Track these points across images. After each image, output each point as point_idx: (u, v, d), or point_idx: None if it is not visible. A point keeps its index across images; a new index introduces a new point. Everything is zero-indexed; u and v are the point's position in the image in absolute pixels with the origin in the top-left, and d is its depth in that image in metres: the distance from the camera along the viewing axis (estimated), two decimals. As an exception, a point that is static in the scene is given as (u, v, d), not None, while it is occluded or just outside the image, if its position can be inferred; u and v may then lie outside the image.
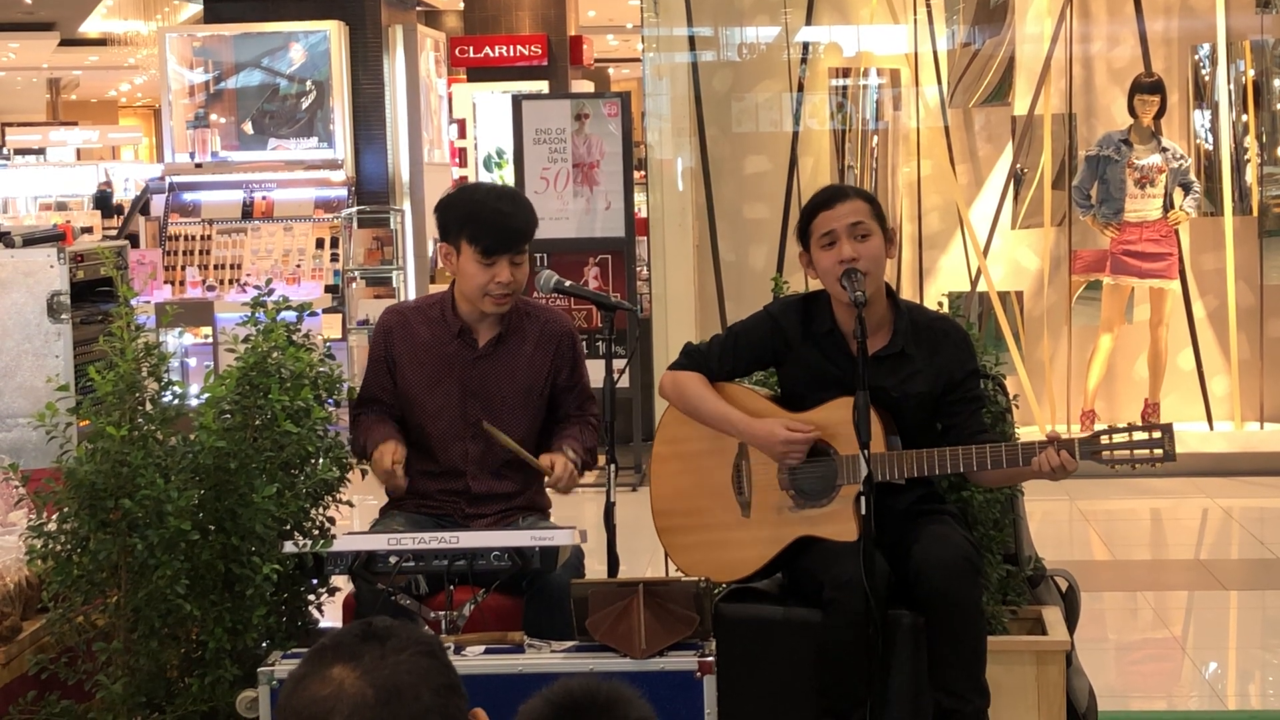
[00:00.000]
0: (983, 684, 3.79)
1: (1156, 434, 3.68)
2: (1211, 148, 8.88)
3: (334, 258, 10.20)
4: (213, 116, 10.60)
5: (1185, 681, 5.42)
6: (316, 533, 3.81)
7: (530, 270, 4.30)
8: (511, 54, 16.33)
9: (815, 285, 4.07)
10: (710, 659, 3.43)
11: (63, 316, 5.23)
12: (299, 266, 10.16)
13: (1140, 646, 5.86)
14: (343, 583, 3.95)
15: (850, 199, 3.95)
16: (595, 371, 4.32)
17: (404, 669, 1.73)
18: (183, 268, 10.17)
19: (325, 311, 9.77)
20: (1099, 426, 4.10)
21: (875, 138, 9.00)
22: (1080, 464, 3.77)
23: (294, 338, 3.89)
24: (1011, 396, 4.45)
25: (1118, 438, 3.72)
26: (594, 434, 4.28)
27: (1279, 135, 8.89)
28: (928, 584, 3.74)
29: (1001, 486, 4.14)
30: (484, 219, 4.13)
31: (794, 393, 4.03)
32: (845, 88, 9.02)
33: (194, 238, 10.34)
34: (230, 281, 10.10)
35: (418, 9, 11.63)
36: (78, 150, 27.09)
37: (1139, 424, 3.75)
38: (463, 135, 16.12)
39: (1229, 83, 8.80)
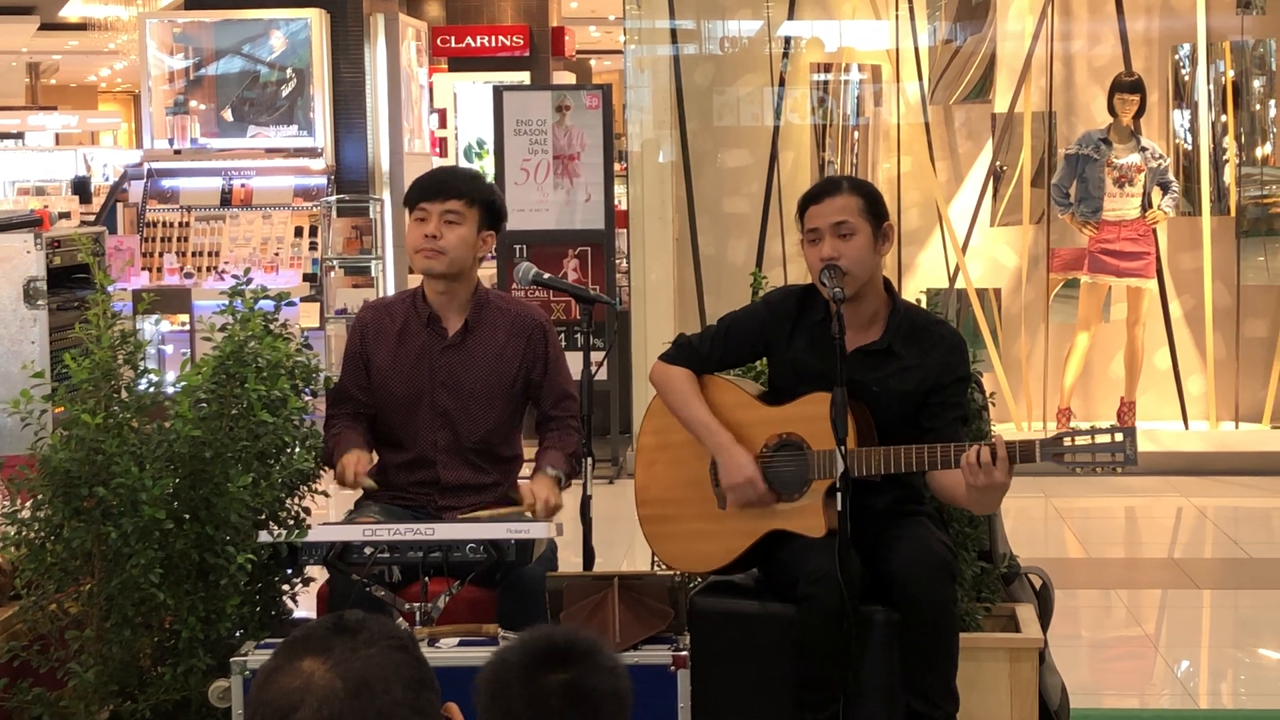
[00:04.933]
0: (953, 690, 3.80)
1: (1119, 437, 3.65)
2: (1190, 147, 8.91)
3: (313, 246, 10.17)
4: (192, 103, 10.56)
5: (1158, 680, 5.44)
6: (291, 523, 3.81)
7: (509, 262, 4.30)
8: (493, 44, 16.33)
9: (795, 280, 4.07)
10: (685, 653, 3.44)
11: (39, 302, 5.22)
12: (277, 255, 10.13)
13: (1113, 644, 5.88)
14: (317, 573, 3.94)
15: (841, 194, 3.94)
16: (573, 364, 4.32)
17: (375, 662, 1.73)
18: (160, 254, 10.14)
19: (303, 300, 9.73)
20: (1073, 425, 4.07)
21: (856, 133, 9.00)
22: (1042, 464, 3.75)
23: (271, 327, 3.88)
24: (988, 394, 4.46)
25: (1080, 440, 3.69)
26: (575, 439, 4.27)
27: (1257, 136, 8.92)
28: (904, 589, 3.74)
29: (952, 503, 3.96)
30: (417, 182, 4.28)
31: (781, 384, 4.03)
32: (826, 83, 9.03)
33: (172, 224, 10.31)
34: (208, 269, 10.07)
35: (399, -2, 11.61)
36: (56, 135, 26.96)
37: (1102, 426, 3.70)
38: (443, 125, 16.11)
39: (1209, 83, 8.83)
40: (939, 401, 3.92)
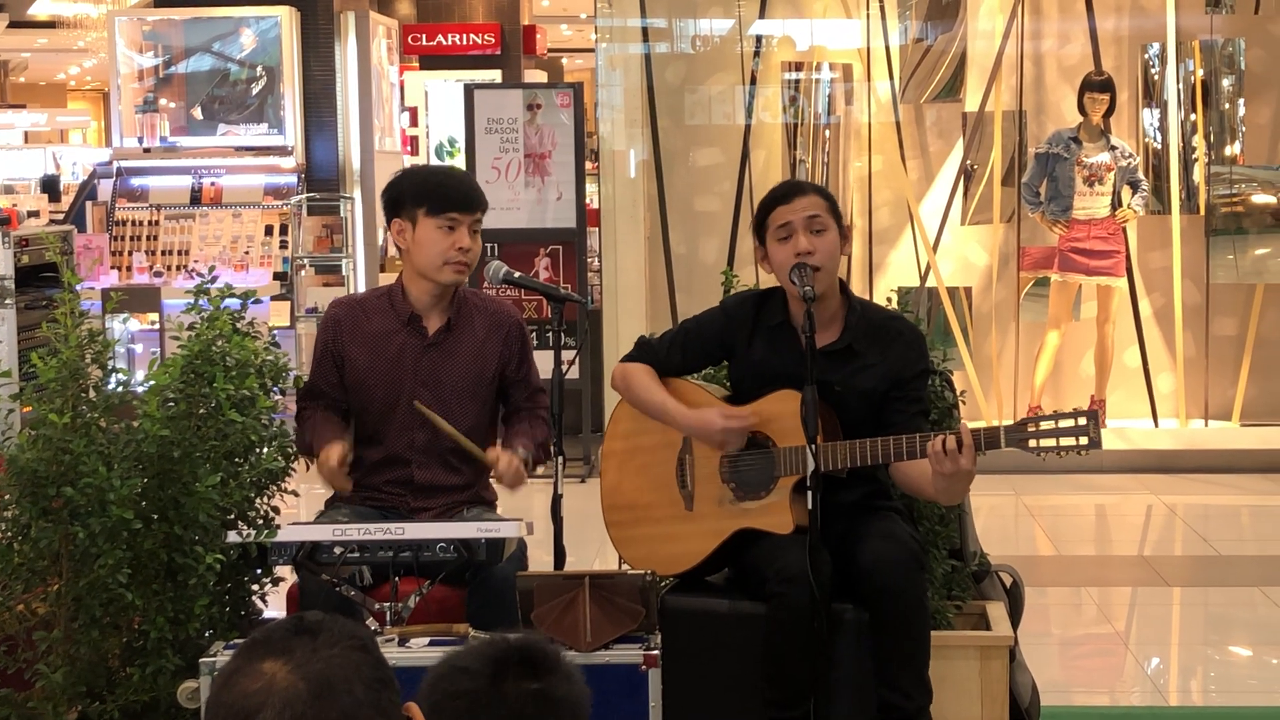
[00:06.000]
0: (926, 681, 3.81)
1: (1081, 420, 3.68)
2: (1160, 146, 8.94)
3: (283, 245, 10.14)
4: (162, 101, 10.51)
5: (1128, 677, 5.45)
6: (260, 522, 3.79)
7: (480, 260, 4.30)
8: (464, 42, 16.29)
9: (766, 279, 4.07)
10: (655, 652, 3.43)
11: (6, 301, 5.19)
12: (247, 253, 10.09)
13: (1083, 642, 5.90)
14: (286, 573, 3.93)
15: (807, 194, 3.97)
16: (544, 363, 4.31)
17: (336, 663, 1.72)
18: (130, 253, 10.09)
19: (274, 299, 9.70)
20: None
21: (827, 132, 9.01)
22: (1008, 451, 3.76)
23: (239, 326, 3.86)
24: (959, 392, 4.47)
25: (1044, 425, 3.73)
26: (545, 427, 4.28)
27: (1226, 135, 8.96)
28: (874, 581, 3.75)
29: (918, 494, 3.99)
30: (440, 186, 4.21)
31: (743, 388, 4.03)
32: (798, 82, 9.04)
33: (141, 223, 10.26)
34: (178, 267, 10.03)
35: (370, -4, 11.58)
36: (25, 133, 26.81)
37: (1064, 411, 3.74)
38: (415, 123, 16.06)
39: (1178, 82, 8.86)
40: (901, 396, 3.94)
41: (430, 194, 4.16)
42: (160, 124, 10.46)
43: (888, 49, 8.99)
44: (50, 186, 18.46)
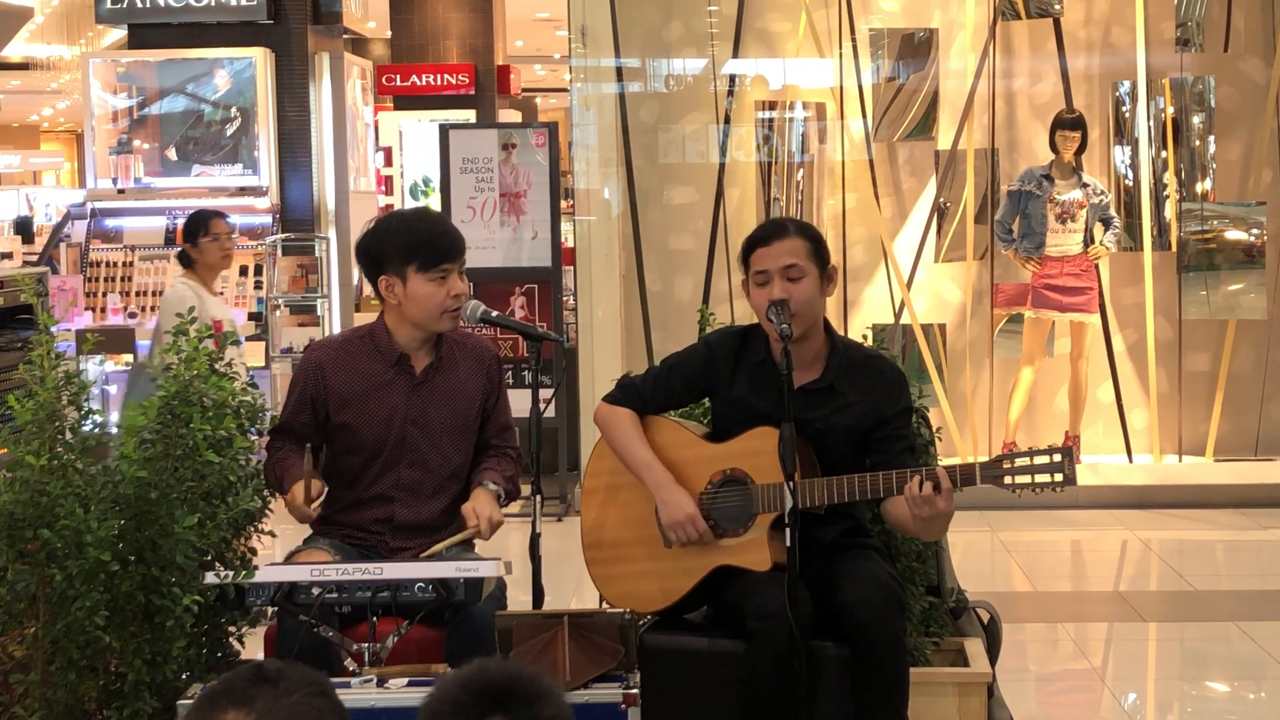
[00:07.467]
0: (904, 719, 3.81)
1: (1057, 458, 3.71)
2: (1131, 183, 9.00)
3: (258, 285, 10.13)
4: (136, 142, 10.51)
5: (1105, 712, 5.46)
6: (238, 563, 3.78)
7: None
8: (439, 83, 16.34)
9: (742, 316, 4.09)
10: (635, 691, 3.43)
11: (-19, 343, 5.17)
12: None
13: (1060, 677, 5.90)
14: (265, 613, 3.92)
15: (788, 237, 3.96)
16: (521, 401, 4.32)
17: (298, 710, 1.72)
18: (104, 294, 10.08)
19: (249, 339, 9.69)
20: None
21: (801, 170, 9.05)
22: (984, 487, 3.78)
23: (216, 366, 3.86)
24: (935, 429, 4.48)
25: (1019, 462, 3.74)
26: (513, 465, 4.30)
27: (1197, 172, 9.02)
28: (853, 621, 3.75)
29: (903, 530, 4.01)
30: (425, 239, 4.18)
31: (724, 425, 4.04)
32: (771, 120, 9.08)
33: (116, 264, 10.25)
34: (152, 308, 10.01)
35: (344, 37, 11.58)
36: (-2, 175, 26.79)
37: (1039, 448, 3.76)
38: (389, 163, 16.09)
39: (1149, 119, 8.92)
40: (885, 435, 3.95)
41: (417, 250, 4.15)
42: (134, 165, 10.46)
43: (860, 88, 9.05)
44: (23, 228, 18.43)
